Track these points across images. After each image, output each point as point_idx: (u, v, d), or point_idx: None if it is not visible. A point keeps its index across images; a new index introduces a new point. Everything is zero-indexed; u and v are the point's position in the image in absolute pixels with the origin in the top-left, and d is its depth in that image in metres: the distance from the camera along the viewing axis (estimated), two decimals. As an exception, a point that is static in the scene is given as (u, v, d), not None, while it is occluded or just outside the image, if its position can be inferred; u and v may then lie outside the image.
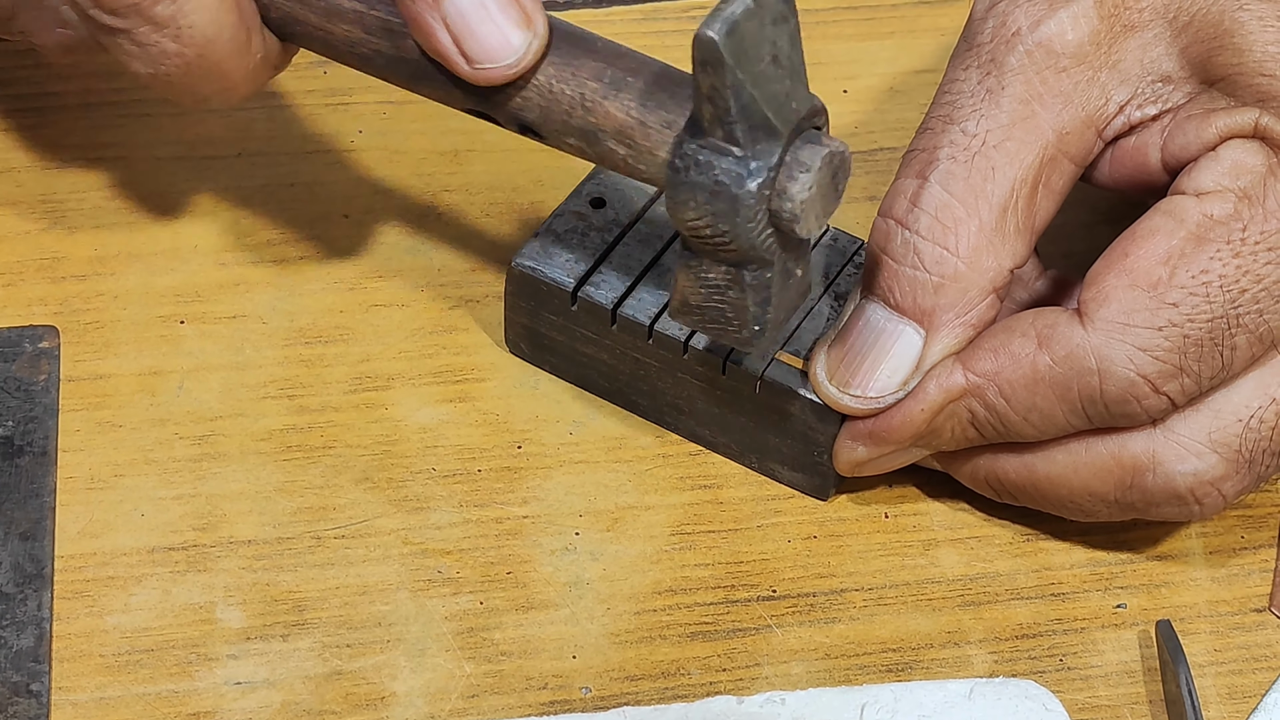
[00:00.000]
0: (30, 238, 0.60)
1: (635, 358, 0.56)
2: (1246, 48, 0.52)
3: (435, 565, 0.55)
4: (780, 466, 0.56)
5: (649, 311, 0.55)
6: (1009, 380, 0.52)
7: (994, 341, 0.52)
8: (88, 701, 0.52)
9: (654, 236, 0.57)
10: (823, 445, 0.55)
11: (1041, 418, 0.52)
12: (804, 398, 0.54)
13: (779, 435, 0.55)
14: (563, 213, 0.57)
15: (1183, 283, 0.51)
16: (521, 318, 0.57)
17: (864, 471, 0.55)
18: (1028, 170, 0.52)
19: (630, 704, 0.53)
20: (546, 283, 0.56)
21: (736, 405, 0.55)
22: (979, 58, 0.53)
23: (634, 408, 0.57)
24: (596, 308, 0.56)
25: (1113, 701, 0.53)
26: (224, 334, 0.59)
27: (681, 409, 0.56)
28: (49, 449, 0.56)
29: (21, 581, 0.54)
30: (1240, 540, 0.56)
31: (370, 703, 0.52)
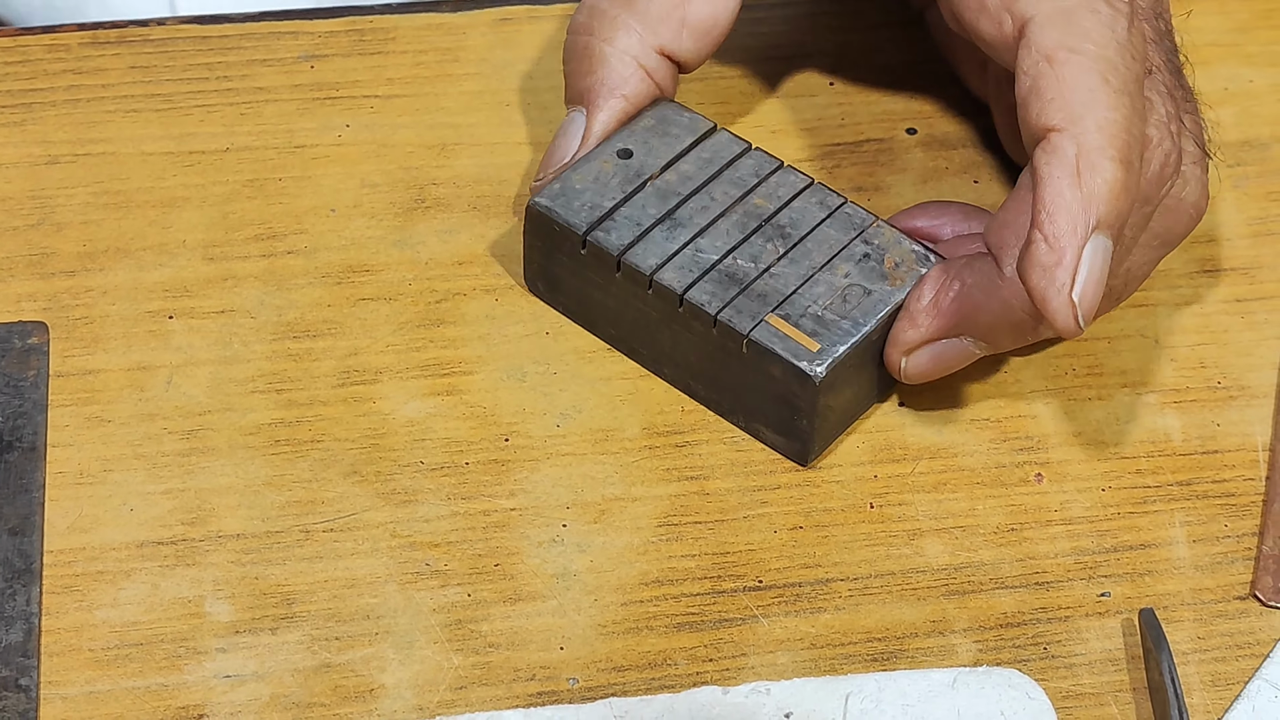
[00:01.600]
0: (18, 234, 0.60)
1: (637, 306, 0.57)
2: None
3: (423, 558, 0.55)
4: (764, 428, 0.56)
5: (652, 262, 0.56)
6: None
7: None
8: (77, 696, 0.52)
9: (671, 192, 0.57)
10: (802, 410, 0.55)
11: None
12: (786, 360, 0.54)
13: (763, 396, 0.56)
14: (591, 159, 0.58)
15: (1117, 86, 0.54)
16: (538, 257, 0.58)
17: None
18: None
19: (617, 695, 0.53)
20: (560, 224, 0.57)
21: (725, 363, 0.56)
22: None
23: (636, 356, 0.58)
24: (603, 253, 0.56)
25: (1096, 690, 0.53)
26: (212, 329, 0.59)
27: (677, 361, 0.57)
28: (38, 444, 0.56)
29: (10, 577, 0.54)
30: (1223, 529, 0.56)
31: (359, 695, 0.52)
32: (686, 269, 0.56)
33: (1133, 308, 0.60)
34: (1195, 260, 0.61)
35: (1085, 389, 0.59)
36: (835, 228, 0.57)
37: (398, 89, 0.64)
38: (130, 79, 0.63)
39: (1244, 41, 0.66)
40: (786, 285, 0.56)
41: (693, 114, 0.59)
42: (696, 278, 0.56)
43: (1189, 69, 0.59)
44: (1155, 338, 0.60)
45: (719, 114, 0.63)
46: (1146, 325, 0.60)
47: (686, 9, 0.59)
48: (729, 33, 0.60)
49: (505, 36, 0.65)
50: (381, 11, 0.65)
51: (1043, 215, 0.53)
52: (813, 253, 0.57)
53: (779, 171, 0.58)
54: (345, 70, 0.64)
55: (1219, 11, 0.67)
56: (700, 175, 0.58)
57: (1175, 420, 0.58)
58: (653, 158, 0.58)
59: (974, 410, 0.58)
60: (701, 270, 0.56)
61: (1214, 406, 0.58)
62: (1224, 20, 0.67)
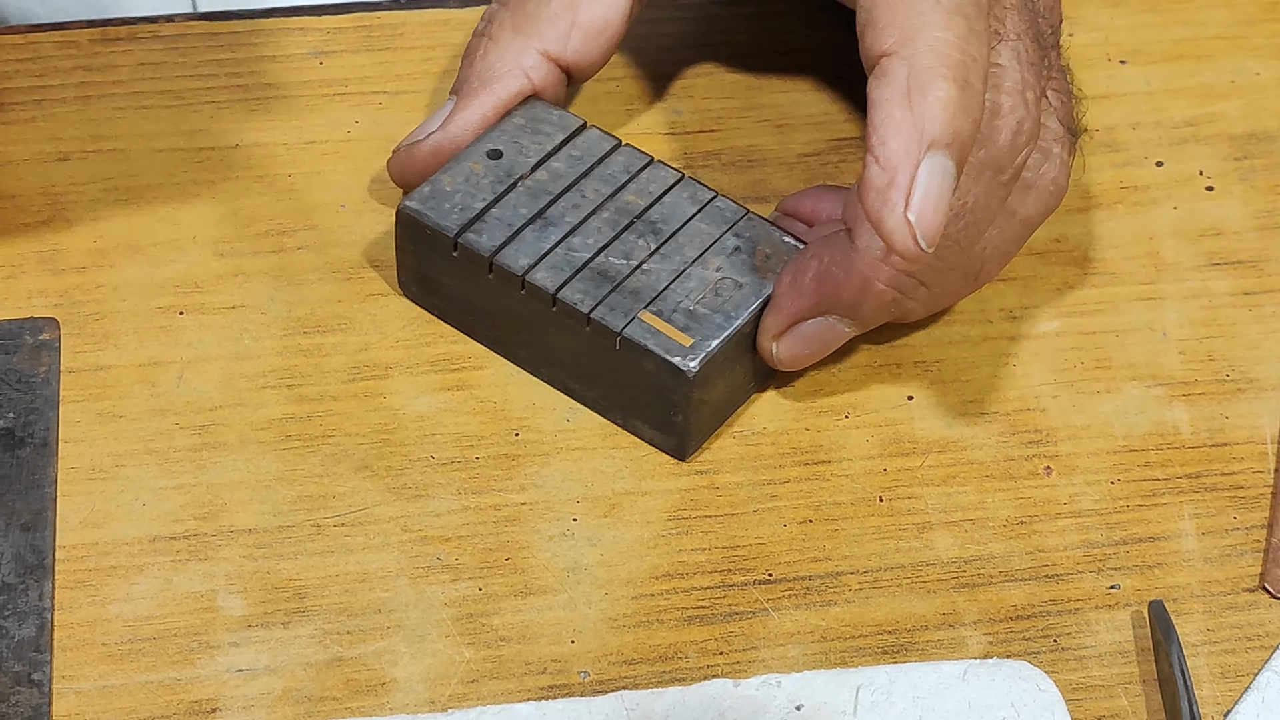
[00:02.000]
0: (29, 230, 0.60)
1: (512, 307, 0.57)
2: None
3: (434, 552, 0.55)
4: (642, 424, 0.56)
5: (524, 262, 0.56)
6: None
7: None
8: (90, 690, 0.52)
9: (542, 191, 0.57)
10: (677, 405, 0.55)
11: None
12: (659, 356, 0.55)
13: (639, 392, 0.56)
14: (460, 160, 0.58)
15: None
16: (410, 260, 0.58)
17: None
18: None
19: (628, 688, 0.52)
20: (431, 227, 0.57)
21: (600, 361, 0.56)
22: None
23: (514, 358, 0.58)
24: (475, 255, 0.56)
25: (1106, 681, 0.53)
26: (223, 324, 0.59)
27: (554, 361, 0.57)
28: (50, 440, 0.56)
29: (23, 572, 0.54)
30: (1232, 521, 0.56)
31: (371, 689, 0.52)
32: (559, 268, 0.56)
33: (1140, 301, 0.60)
34: (1203, 253, 0.61)
35: (1094, 382, 0.59)
36: (706, 222, 0.57)
37: (406, 85, 0.64)
38: (140, 75, 0.63)
39: (1250, 34, 0.66)
40: (659, 281, 0.56)
41: (563, 112, 0.59)
42: (569, 277, 0.56)
43: (1080, 58, 0.59)
44: (1163, 331, 0.60)
45: (726, 129, 0.63)
46: (1154, 318, 0.60)
47: (577, 12, 0.59)
48: (623, 36, 0.60)
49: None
50: (389, 8, 0.65)
51: (874, 139, 0.52)
52: (684, 247, 0.57)
53: (649, 167, 0.58)
54: (354, 66, 0.64)
55: (1225, 5, 0.67)
56: (571, 173, 0.58)
57: (1184, 413, 0.58)
58: (523, 157, 0.58)
59: (983, 404, 0.58)
60: (574, 269, 0.56)
61: (1222, 399, 0.58)
62: (1230, 13, 0.67)
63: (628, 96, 0.64)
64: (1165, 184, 0.63)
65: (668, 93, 0.64)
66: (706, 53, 0.65)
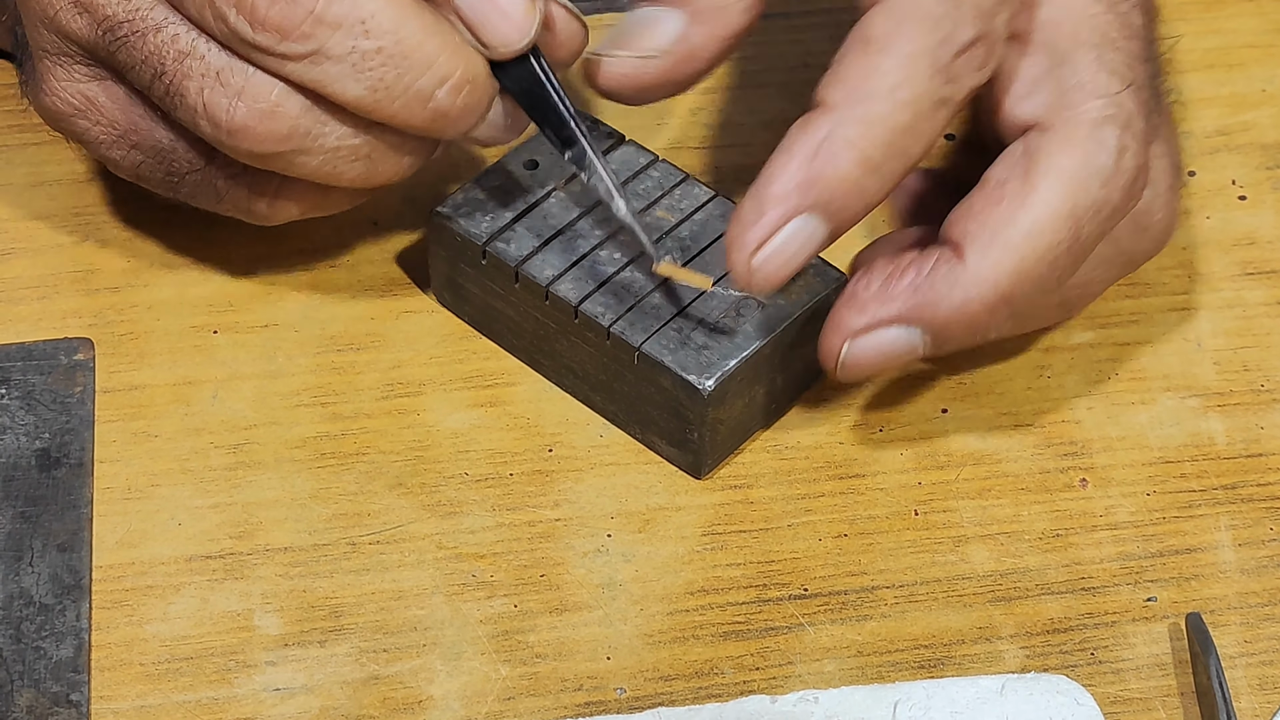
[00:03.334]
0: (64, 250, 0.60)
1: (536, 317, 0.56)
2: None
3: (469, 569, 0.54)
4: (659, 440, 0.56)
5: (549, 273, 0.56)
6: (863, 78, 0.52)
7: (829, 74, 0.52)
8: (128, 710, 0.52)
9: (574, 204, 0.57)
10: (692, 423, 0.55)
11: (909, 92, 0.52)
12: (674, 372, 0.54)
13: (655, 408, 0.55)
14: (496, 169, 0.58)
15: None
16: (442, 266, 0.58)
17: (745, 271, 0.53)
18: None
19: (665, 704, 0.52)
20: (461, 234, 0.57)
21: (619, 374, 0.56)
22: None
23: (538, 367, 0.58)
24: (502, 264, 0.56)
25: (1144, 694, 0.53)
26: (256, 343, 0.58)
27: (576, 373, 0.57)
28: (85, 460, 0.56)
29: (60, 593, 0.53)
30: (1269, 532, 0.56)
31: (408, 707, 0.52)
32: (583, 281, 0.56)
33: (1174, 311, 0.60)
34: (1236, 263, 0.61)
35: (1128, 393, 0.58)
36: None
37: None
38: (172, 95, 0.63)
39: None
40: (682, 298, 0.55)
41: (602, 125, 0.59)
42: (592, 289, 0.56)
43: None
44: (1198, 341, 0.59)
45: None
46: (1189, 329, 0.59)
47: None
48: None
49: (543, 48, 0.65)
50: (420, 25, 0.65)
51: (764, 176, 0.52)
52: (710, 266, 0.56)
53: (683, 184, 0.58)
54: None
55: (1256, 13, 0.66)
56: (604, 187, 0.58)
57: (1219, 424, 0.57)
58: (558, 168, 0.58)
59: (1017, 416, 0.58)
60: (598, 282, 0.56)
61: (1258, 409, 0.58)
62: (1261, 21, 0.66)
63: (658, 111, 0.63)
64: (1198, 194, 0.62)
65: (700, 107, 0.64)
66: (740, 65, 0.64)
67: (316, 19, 0.51)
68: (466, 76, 0.53)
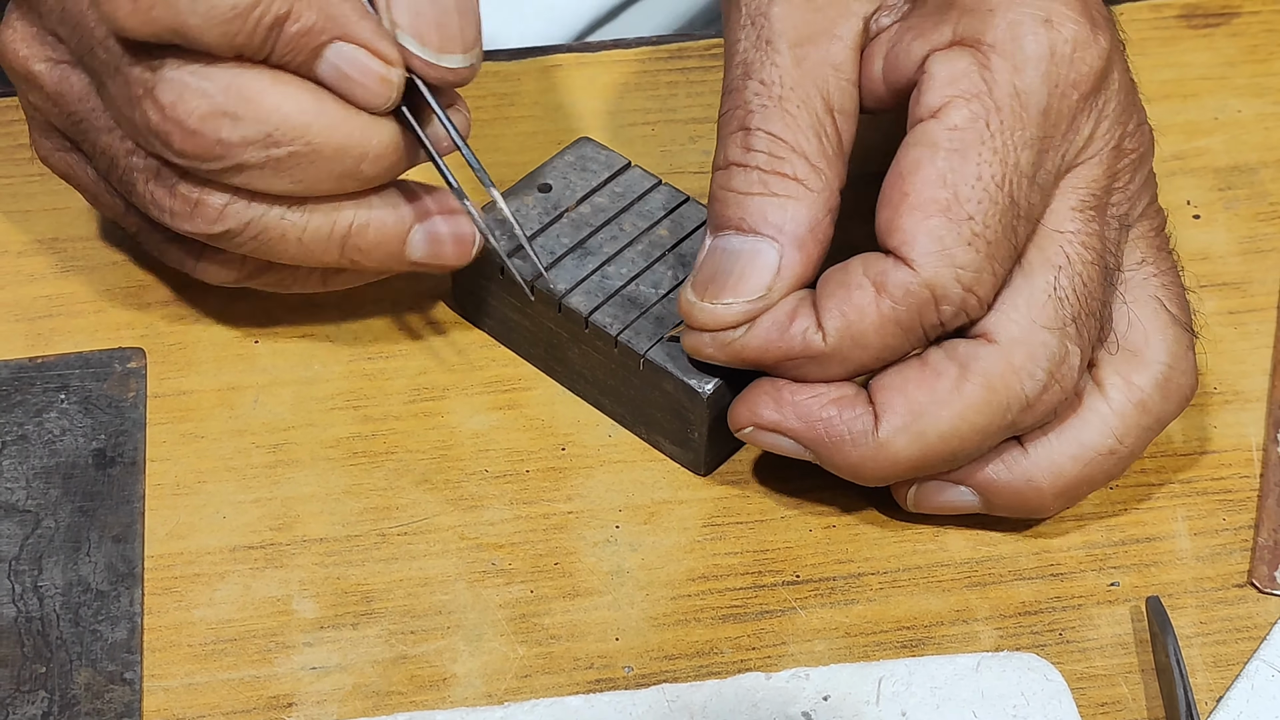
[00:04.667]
0: (118, 268, 0.60)
1: (550, 327, 0.57)
2: None
3: (489, 558, 0.55)
4: (663, 439, 0.56)
5: (562, 287, 0.56)
6: (861, 331, 0.51)
7: (835, 301, 0.52)
8: (177, 687, 0.52)
9: (585, 223, 0.58)
10: (694, 423, 0.55)
11: (891, 353, 0.52)
12: (676, 378, 0.55)
13: (660, 410, 0.56)
14: (513, 192, 0.58)
15: (967, 196, 0.51)
16: (464, 281, 0.59)
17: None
18: (822, 102, 0.53)
19: (669, 681, 0.53)
20: (483, 251, 0.57)
21: (627, 380, 0.56)
22: (749, 14, 0.54)
23: (552, 373, 0.58)
24: (519, 279, 0.56)
25: (1108, 671, 0.53)
26: (295, 351, 0.59)
27: (587, 378, 0.57)
28: (138, 459, 0.56)
29: (115, 580, 0.54)
30: (1221, 522, 0.56)
31: (433, 684, 0.53)
32: (593, 293, 0.56)
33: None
34: (1191, 276, 0.61)
35: (1093, 396, 0.58)
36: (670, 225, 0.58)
37: (460, 130, 0.64)
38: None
39: (1231, 75, 0.66)
40: None
41: (610, 152, 0.59)
42: (601, 301, 0.56)
43: None
44: (1156, 348, 0.60)
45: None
46: (1148, 337, 0.60)
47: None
48: None
49: (555, 82, 0.65)
50: (442, 60, 0.66)
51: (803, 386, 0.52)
52: None
53: (684, 205, 0.58)
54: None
55: (1209, 48, 0.67)
56: (612, 208, 0.58)
57: (1176, 423, 0.58)
58: (570, 191, 0.58)
59: (991, 417, 0.58)
60: (607, 295, 0.56)
61: (1211, 410, 0.58)
62: (1213, 55, 0.67)
63: (662, 140, 0.64)
64: (1156, 213, 0.63)
65: (699, 135, 0.64)
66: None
67: (225, 144, 0.51)
68: (383, 144, 0.53)
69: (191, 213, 0.53)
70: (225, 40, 0.50)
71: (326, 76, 0.52)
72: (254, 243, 0.54)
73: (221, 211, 0.53)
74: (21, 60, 0.54)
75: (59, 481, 0.55)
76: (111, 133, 0.53)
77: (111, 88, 0.52)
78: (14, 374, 0.58)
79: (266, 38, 0.51)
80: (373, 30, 0.52)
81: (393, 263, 0.55)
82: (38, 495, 0.55)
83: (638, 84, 0.65)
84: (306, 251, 0.54)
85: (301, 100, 0.52)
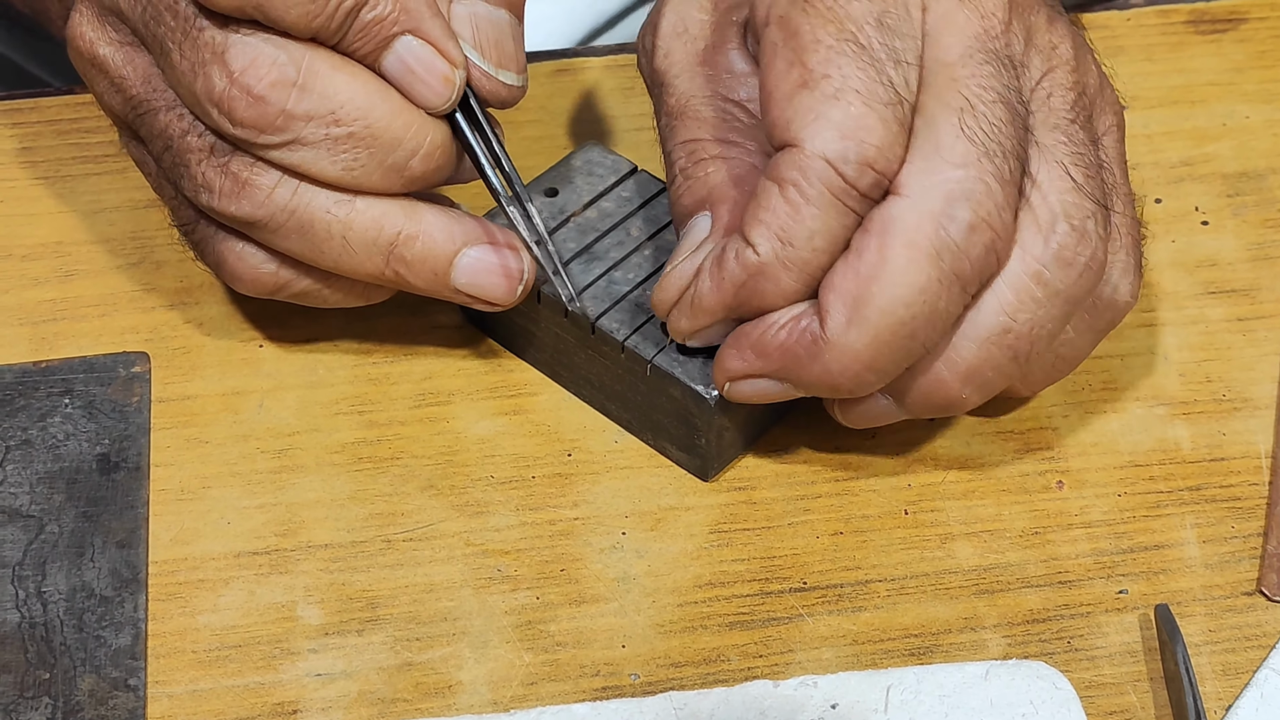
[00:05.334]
0: (122, 271, 0.60)
1: (557, 333, 0.56)
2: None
3: (495, 564, 0.54)
4: (669, 445, 0.56)
5: (569, 293, 0.56)
6: (782, 226, 0.50)
7: (750, 212, 0.51)
8: (182, 694, 0.52)
9: (591, 228, 0.57)
10: (701, 429, 0.55)
11: (828, 241, 0.50)
12: (683, 383, 0.54)
13: (666, 416, 0.55)
14: None
15: (815, 63, 0.50)
16: None
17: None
18: (720, 96, 0.54)
19: (676, 689, 0.52)
20: None
21: (633, 385, 0.56)
22: (656, 87, 0.56)
23: (558, 379, 0.58)
24: None
25: (1116, 680, 0.53)
26: (299, 357, 0.58)
27: (593, 384, 0.57)
28: (142, 464, 0.56)
29: (119, 586, 0.53)
30: (1230, 530, 0.56)
31: (438, 691, 0.52)
32: (600, 299, 0.56)
33: (1142, 327, 0.60)
34: (1200, 283, 0.61)
35: (1101, 403, 0.58)
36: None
37: (465, 135, 0.64)
38: (221, 129, 0.63)
39: (1240, 81, 0.66)
40: None
41: (617, 156, 0.59)
42: (608, 307, 0.55)
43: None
44: (1164, 355, 0.59)
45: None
46: (1156, 344, 0.59)
47: None
48: None
49: (561, 86, 0.65)
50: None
51: (762, 323, 0.52)
52: None
53: None
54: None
55: (1216, 54, 0.66)
56: (619, 212, 0.58)
57: (1184, 430, 0.57)
58: (576, 196, 0.58)
59: (998, 424, 0.57)
60: (613, 300, 0.56)
61: (1220, 417, 0.58)
62: (1221, 61, 0.66)
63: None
64: (1164, 219, 0.62)
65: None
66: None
67: (288, 115, 0.52)
68: (435, 144, 0.53)
69: (239, 192, 0.53)
70: (304, 20, 0.51)
71: (391, 69, 0.53)
72: (298, 236, 0.53)
73: (270, 194, 0.53)
74: (88, 44, 0.54)
75: (63, 486, 0.55)
76: (170, 111, 0.54)
77: (175, 55, 0.52)
78: (18, 378, 0.57)
79: (344, 22, 0.52)
80: (442, 30, 0.53)
81: (437, 284, 0.54)
82: (42, 500, 0.55)
83: (643, 89, 0.64)
84: (350, 254, 0.54)
85: (368, 84, 0.53)
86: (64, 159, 0.62)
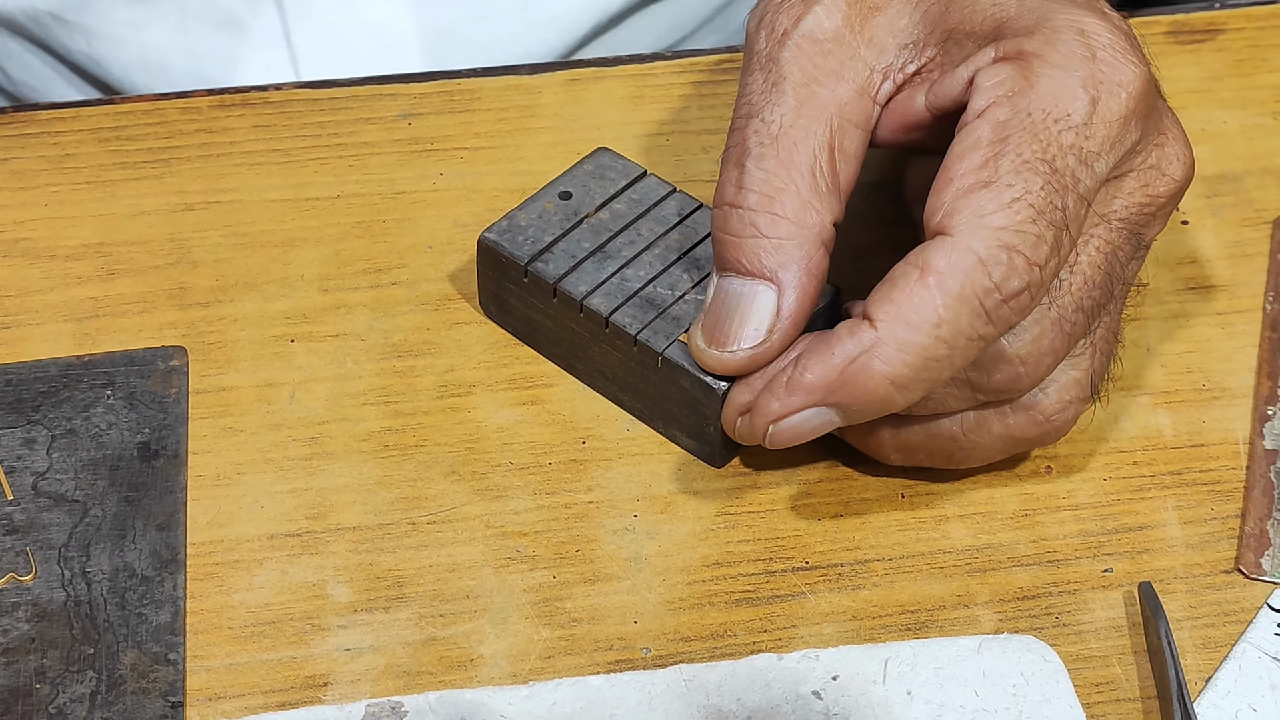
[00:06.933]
0: (160, 271, 0.61)
1: (571, 327, 0.57)
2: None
3: (514, 545, 0.55)
4: (680, 434, 0.56)
5: (583, 289, 0.56)
6: (911, 308, 0.50)
7: (882, 291, 0.50)
8: (219, 667, 0.52)
9: (604, 228, 0.58)
10: (709, 418, 0.55)
11: (950, 330, 0.50)
12: (693, 375, 0.55)
13: (677, 406, 0.56)
14: (535, 199, 0.58)
15: (1008, 168, 0.50)
16: (488, 284, 0.59)
17: (757, 434, 0.52)
18: (821, 140, 0.52)
19: (685, 662, 0.53)
20: (505, 255, 0.57)
21: (645, 377, 0.56)
22: (760, 61, 0.53)
23: (573, 371, 0.58)
24: (541, 281, 0.56)
25: (1102, 653, 0.53)
26: (328, 350, 0.59)
27: (606, 376, 0.57)
28: (180, 452, 0.56)
29: (159, 566, 0.54)
30: (1210, 512, 0.56)
31: (461, 664, 0.53)
32: (613, 295, 0.56)
33: (1128, 322, 0.59)
34: (1180, 279, 0.61)
35: (1087, 392, 0.58)
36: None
37: (484, 142, 0.64)
38: (254, 136, 0.64)
39: (1218, 88, 0.66)
40: (698, 309, 0.56)
41: (627, 161, 0.59)
42: (621, 302, 0.56)
43: None
44: (1147, 347, 0.60)
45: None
46: (1139, 337, 0.60)
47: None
48: None
49: (575, 94, 0.65)
50: (468, 75, 0.66)
51: (803, 361, 0.51)
52: None
53: (698, 211, 0.58)
54: (438, 126, 0.65)
55: (1195, 63, 0.67)
56: (630, 214, 0.58)
57: (1166, 418, 0.58)
58: (589, 198, 0.58)
59: (990, 412, 0.58)
60: (626, 296, 0.56)
61: (1200, 406, 0.58)
62: (1200, 69, 0.67)
63: (676, 149, 0.64)
64: (1146, 219, 0.63)
65: (710, 145, 0.64)
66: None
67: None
68: None
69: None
70: None
71: None
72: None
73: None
74: None
75: (106, 473, 0.56)
76: None
77: None
78: (62, 371, 0.58)
79: None
80: None
81: None
82: (86, 486, 0.55)
83: (652, 97, 0.65)
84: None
85: None
86: (105, 165, 0.63)
